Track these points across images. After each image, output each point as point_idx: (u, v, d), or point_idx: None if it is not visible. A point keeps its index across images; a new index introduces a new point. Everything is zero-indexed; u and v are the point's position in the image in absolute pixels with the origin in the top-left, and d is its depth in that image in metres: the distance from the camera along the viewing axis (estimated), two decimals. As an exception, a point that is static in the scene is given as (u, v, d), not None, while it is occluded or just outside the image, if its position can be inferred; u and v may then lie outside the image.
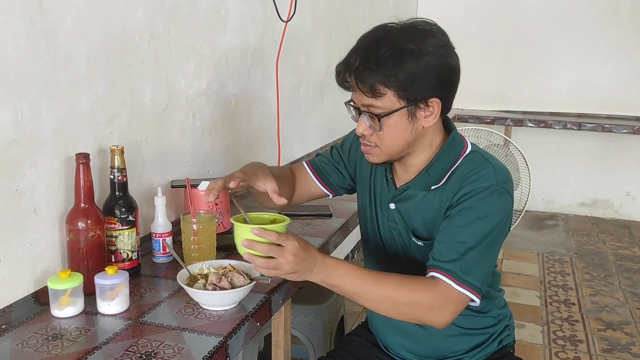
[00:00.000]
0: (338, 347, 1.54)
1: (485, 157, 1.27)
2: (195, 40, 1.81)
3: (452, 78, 1.22)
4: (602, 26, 4.59)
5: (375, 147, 1.25)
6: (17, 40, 1.19)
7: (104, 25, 1.42)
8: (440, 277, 1.17)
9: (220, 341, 1.13)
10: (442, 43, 1.18)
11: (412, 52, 1.14)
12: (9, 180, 1.20)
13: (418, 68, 1.15)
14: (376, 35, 1.20)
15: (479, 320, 1.38)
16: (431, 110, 1.20)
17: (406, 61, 1.14)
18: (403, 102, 1.18)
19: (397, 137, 1.22)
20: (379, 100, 1.17)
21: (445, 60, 1.18)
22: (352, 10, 3.39)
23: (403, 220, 1.34)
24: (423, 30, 1.19)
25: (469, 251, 1.18)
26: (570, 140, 4.78)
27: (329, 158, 1.52)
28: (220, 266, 1.33)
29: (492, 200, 1.20)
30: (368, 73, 1.16)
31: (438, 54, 1.17)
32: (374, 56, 1.15)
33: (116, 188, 1.37)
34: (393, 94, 1.16)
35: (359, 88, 1.19)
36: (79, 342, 1.11)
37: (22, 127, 1.22)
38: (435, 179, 1.27)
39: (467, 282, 1.16)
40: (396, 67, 1.14)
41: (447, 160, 1.27)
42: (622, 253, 4.07)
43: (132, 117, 1.55)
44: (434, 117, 1.21)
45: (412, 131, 1.21)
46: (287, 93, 2.44)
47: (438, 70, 1.17)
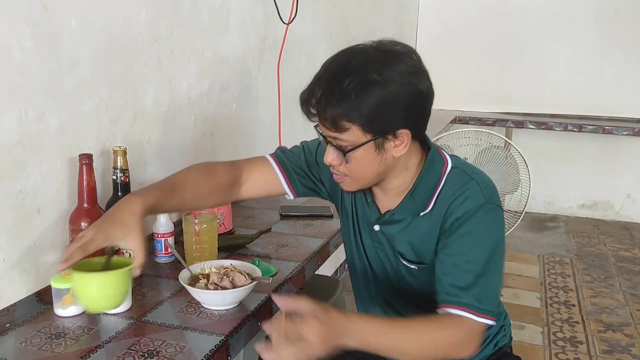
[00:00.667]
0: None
1: (468, 173, 1.22)
2: (198, 43, 1.82)
3: (423, 105, 1.13)
4: (603, 28, 4.59)
5: (346, 177, 1.19)
6: (21, 43, 1.20)
7: (107, 27, 1.43)
8: (462, 313, 1.13)
9: (222, 340, 1.14)
10: (410, 69, 1.10)
11: (377, 82, 1.06)
12: (13, 181, 1.22)
13: (383, 100, 1.07)
14: (340, 62, 1.12)
15: None
16: (400, 140, 1.13)
17: (370, 93, 1.06)
18: (369, 136, 1.10)
19: (366, 169, 1.16)
20: (344, 134, 1.10)
21: (414, 88, 1.10)
22: (353, 12, 3.40)
23: (389, 242, 1.29)
24: (390, 55, 1.10)
25: (479, 278, 1.14)
26: (571, 142, 4.78)
27: (300, 157, 1.39)
28: (221, 266, 1.35)
29: (487, 220, 1.17)
30: (330, 107, 1.08)
31: (405, 82, 1.08)
32: (336, 88, 1.07)
33: (119, 188, 1.38)
34: (358, 128, 1.09)
35: (321, 121, 1.13)
36: (82, 341, 1.12)
37: (26, 128, 1.23)
38: (422, 204, 1.22)
39: (485, 310, 1.13)
40: (359, 101, 1.06)
41: (430, 181, 1.22)
42: (622, 255, 4.07)
43: (135, 119, 1.56)
44: (404, 146, 1.14)
45: (381, 162, 1.15)
46: (289, 95, 2.46)
47: (406, 100, 1.09)
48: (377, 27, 3.86)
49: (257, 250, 1.61)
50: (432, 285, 1.23)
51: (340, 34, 3.16)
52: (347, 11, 3.29)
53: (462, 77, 4.89)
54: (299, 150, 1.40)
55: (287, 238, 1.71)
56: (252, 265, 1.36)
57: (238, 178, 1.33)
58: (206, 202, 1.30)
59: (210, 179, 1.28)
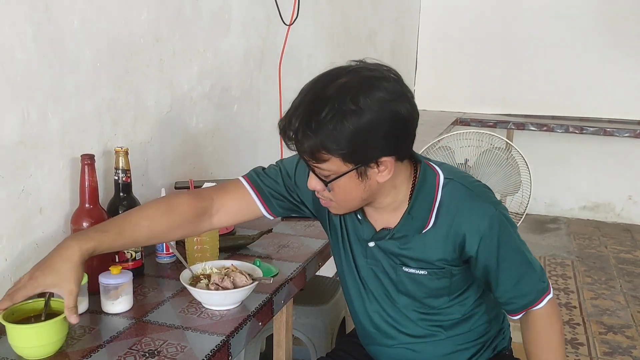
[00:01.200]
0: (338, 347, 1.55)
1: (465, 185, 1.22)
2: (199, 44, 1.83)
3: (405, 129, 1.10)
4: (605, 30, 4.59)
5: (331, 202, 1.17)
6: (24, 44, 1.21)
7: (109, 28, 1.44)
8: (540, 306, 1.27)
9: (223, 340, 1.14)
10: (389, 96, 1.06)
11: (354, 113, 1.03)
12: (16, 181, 1.22)
13: (361, 130, 1.04)
14: (316, 90, 1.08)
15: (472, 334, 1.35)
16: (384, 166, 1.11)
17: (347, 124, 1.03)
18: (350, 165, 1.08)
19: (351, 196, 1.14)
20: (324, 164, 1.08)
21: (394, 115, 1.06)
22: (354, 13, 3.40)
23: (387, 256, 1.27)
24: (368, 82, 1.06)
25: (529, 267, 1.26)
26: (572, 144, 4.78)
27: (277, 181, 1.34)
28: (222, 266, 1.35)
29: (502, 223, 1.21)
30: (306, 140, 1.06)
31: (385, 109, 1.05)
32: (313, 120, 1.05)
33: (120, 189, 1.39)
34: (337, 159, 1.07)
35: (299, 152, 1.11)
36: (83, 340, 1.13)
37: (29, 128, 1.24)
38: (422, 221, 1.21)
39: (546, 282, 1.28)
40: (337, 132, 1.03)
41: (426, 197, 1.21)
42: (623, 257, 4.07)
43: (137, 120, 1.57)
44: (388, 172, 1.12)
45: (366, 189, 1.13)
46: (290, 96, 2.44)
47: (386, 128, 1.06)
48: (377, 28, 3.87)
49: (258, 250, 1.61)
50: (437, 290, 1.27)
51: (341, 35, 3.16)
52: (348, 12, 3.29)
53: (464, 79, 4.90)
54: (275, 172, 1.34)
55: (288, 239, 1.71)
56: (253, 265, 1.37)
57: (207, 208, 1.27)
58: (168, 237, 1.27)
59: (169, 216, 1.22)
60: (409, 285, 1.28)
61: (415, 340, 1.33)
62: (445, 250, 1.22)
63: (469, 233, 1.20)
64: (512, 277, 1.25)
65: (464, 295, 1.31)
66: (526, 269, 1.26)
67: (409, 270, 1.26)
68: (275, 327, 1.70)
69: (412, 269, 1.26)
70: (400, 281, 1.28)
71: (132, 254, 1.39)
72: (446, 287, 1.27)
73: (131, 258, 1.39)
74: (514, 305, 1.28)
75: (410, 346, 1.34)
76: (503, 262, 1.23)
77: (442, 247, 1.22)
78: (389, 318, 1.33)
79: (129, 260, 1.39)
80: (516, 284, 1.25)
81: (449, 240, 1.21)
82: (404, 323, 1.33)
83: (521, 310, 1.28)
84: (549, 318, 1.28)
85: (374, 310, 1.34)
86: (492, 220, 1.20)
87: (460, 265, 1.25)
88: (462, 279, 1.28)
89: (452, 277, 1.26)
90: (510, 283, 1.25)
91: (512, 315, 1.31)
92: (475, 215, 1.19)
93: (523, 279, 1.25)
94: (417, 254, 1.25)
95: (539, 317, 1.28)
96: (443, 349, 1.33)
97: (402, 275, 1.28)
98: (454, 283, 1.27)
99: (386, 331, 1.34)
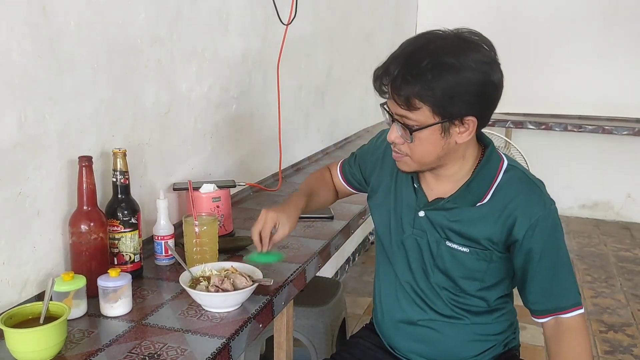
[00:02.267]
0: (342, 349, 1.54)
1: (527, 175, 1.28)
2: (197, 44, 1.82)
3: (493, 95, 1.18)
4: (602, 28, 4.59)
5: (406, 156, 1.23)
6: (21, 45, 1.20)
7: (107, 29, 1.43)
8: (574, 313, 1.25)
9: (223, 343, 1.13)
10: (485, 59, 1.14)
11: (453, 66, 1.10)
12: (13, 183, 1.21)
13: (457, 84, 1.11)
14: (418, 43, 1.15)
15: (494, 326, 1.38)
16: (466, 127, 1.17)
17: (445, 76, 1.10)
18: (438, 118, 1.14)
19: (428, 151, 1.20)
20: (413, 113, 1.15)
21: (487, 77, 1.14)
22: (352, 13, 3.40)
23: (434, 227, 1.31)
24: (467, 43, 1.14)
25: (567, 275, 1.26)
26: (571, 142, 4.78)
27: (353, 164, 1.57)
28: (222, 268, 1.34)
29: (555, 219, 1.25)
30: (405, 85, 1.12)
31: (480, 70, 1.12)
32: (414, 68, 1.11)
33: (119, 191, 1.38)
34: (428, 109, 1.13)
35: (393, 98, 1.16)
36: (82, 344, 1.12)
37: (26, 130, 1.23)
38: (478, 195, 1.26)
39: (579, 302, 1.27)
40: (434, 82, 1.10)
41: (488, 174, 1.26)
42: (623, 255, 4.07)
43: (135, 121, 1.56)
44: (468, 134, 1.18)
45: (445, 146, 1.19)
46: (289, 96, 2.45)
47: (478, 88, 1.13)
48: (375, 28, 3.86)
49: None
50: (473, 272, 1.30)
51: (339, 34, 3.16)
52: (347, 12, 3.29)
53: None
54: (354, 155, 1.59)
55: (288, 239, 1.70)
56: (253, 267, 1.36)
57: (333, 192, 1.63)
58: (327, 204, 1.63)
59: (329, 186, 1.61)
60: (447, 261, 1.31)
61: (442, 319, 1.36)
62: (494, 229, 1.25)
63: (522, 217, 1.23)
64: (549, 274, 1.25)
65: (494, 287, 1.33)
66: (565, 272, 1.26)
67: (452, 245, 1.30)
68: (275, 329, 1.70)
69: (455, 244, 1.29)
70: (440, 256, 1.32)
71: (131, 257, 1.38)
72: (482, 271, 1.29)
73: (130, 260, 1.38)
74: (543, 305, 1.27)
75: (436, 325, 1.36)
76: (546, 255, 1.24)
77: (491, 226, 1.25)
78: (420, 291, 1.37)
79: (128, 262, 1.38)
80: (551, 282, 1.25)
81: (500, 219, 1.24)
82: (434, 300, 1.36)
83: (549, 313, 1.27)
84: (581, 333, 1.25)
85: (406, 281, 1.38)
86: (547, 212, 1.23)
87: (502, 252, 1.27)
88: (498, 268, 1.30)
89: (491, 261, 1.28)
90: (546, 279, 1.25)
91: (537, 318, 1.29)
92: (532, 202, 1.23)
93: (560, 280, 1.25)
94: (464, 229, 1.27)
95: (570, 330, 1.25)
96: (464, 335, 1.35)
97: (444, 250, 1.31)
98: (490, 269, 1.29)
99: (417, 303, 1.37)
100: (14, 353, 1.05)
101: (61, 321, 1.06)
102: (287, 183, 2.36)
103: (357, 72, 3.48)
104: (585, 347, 1.25)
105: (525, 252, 1.24)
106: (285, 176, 2.43)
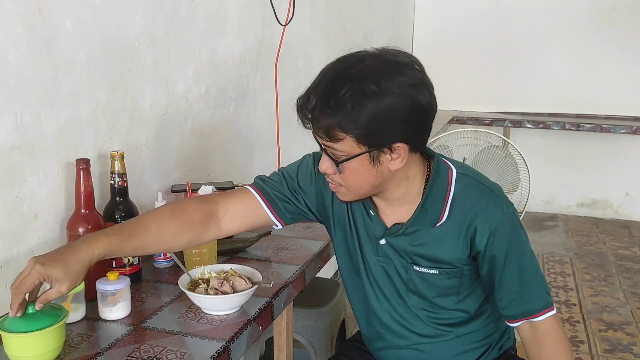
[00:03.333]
0: (339, 352, 1.53)
1: (480, 181, 1.23)
2: (194, 45, 1.81)
3: (422, 119, 1.11)
4: (600, 26, 4.59)
5: (341, 186, 1.17)
6: (17, 47, 1.19)
7: (104, 30, 1.42)
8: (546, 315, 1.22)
9: (223, 346, 1.13)
10: (411, 81, 1.07)
11: (374, 94, 1.04)
12: (10, 186, 1.20)
13: (380, 112, 1.04)
14: (338, 69, 1.09)
15: (481, 332, 1.35)
16: (397, 153, 1.11)
17: (366, 105, 1.04)
18: (364, 148, 1.08)
19: (361, 181, 1.14)
20: (338, 144, 1.09)
21: (414, 101, 1.07)
22: (350, 13, 3.39)
23: (398, 254, 1.26)
24: (390, 66, 1.08)
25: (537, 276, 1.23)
26: (569, 141, 4.77)
27: (281, 184, 1.32)
28: (221, 270, 1.33)
29: (514, 222, 1.21)
30: (323, 117, 1.06)
31: (404, 94, 1.06)
32: (332, 97, 1.05)
33: (116, 193, 1.37)
34: (352, 139, 1.07)
35: (314, 129, 1.11)
36: (81, 348, 1.11)
37: (23, 133, 1.22)
38: (435, 214, 1.21)
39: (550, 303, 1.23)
40: (354, 112, 1.04)
41: (439, 190, 1.20)
42: (622, 253, 4.07)
43: (132, 122, 1.55)
44: (401, 160, 1.12)
45: (377, 175, 1.13)
46: (287, 97, 2.44)
47: (404, 114, 1.06)
48: (373, 28, 3.86)
49: (257, 253, 1.60)
50: (446, 289, 1.26)
51: (337, 35, 3.15)
52: (344, 12, 3.28)
53: (459, 78, 4.88)
54: (279, 177, 1.33)
55: (287, 241, 1.69)
56: (252, 269, 1.35)
57: (214, 212, 1.25)
58: (175, 243, 1.21)
59: (177, 218, 1.20)
60: (419, 284, 1.27)
61: (426, 340, 1.32)
62: (457, 246, 1.22)
63: (481, 226, 1.19)
64: (516, 278, 1.22)
65: (471, 295, 1.30)
66: (532, 274, 1.23)
67: (420, 270, 1.25)
68: (275, 331, 1.69)
69: (423, 268, 1.25)
70: (411, 280, 1.27)
71: (130, 259, 1.37)
72: (455, 287, 1.26)
73: (128, 263, 1.37)
74: (514, 310, 1.23)
75: (421, 347, 1.32)
76: (510, 260, 1.21)
77: (455, 244, 1.22)
78: (399, 317, 1.32)
79: (126, 265, 1.37)
80: (519, 286, 1.22)
81: (461, 234, 1.21)
82: (414, 323, 1.31)
83: (521, 317, 1.23)
84: (556, 335, 1.23)
85: (384, 310, 1.33)
86: (505, 217, 1.20)
87: (470, 265, 1.25)
88: (470, 279, 1.27)
89: (462, 277, 1.25)
90: (513, 284, 1.22)
91: (511, 322, 1.26)
92: (490, 210, 1.19)
93: (527, 283, 1.22)
94: (429, 252, 1.23)
95: (546, 334, 1.23)
96: (452, 349, 1.32)
97: (413, 274, 1.27)
98: (463, 283, 1.26)
99: (397, 331, 1.33)
100: (12, 357, 1.04)
101: (59, 325, 1.05)
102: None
103: (354, 72, 3.47)
104: (565, 349, 1.23)
105: (489, 260, 1.21)
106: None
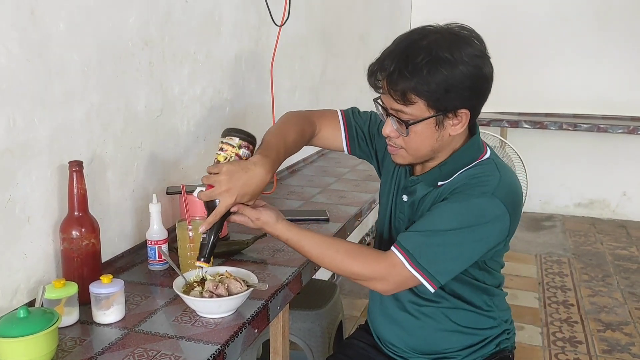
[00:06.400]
0: (337, 351, 1.54)
1: (498, 167, 1.27)
2: (189, 46, 1.80)
3: (485, 88, 1.22)
4: (596, 26, 4.60)
5: (401, 149, 1.26)
6: (9, 49, 1.18)
7: (97, 32, 1.41)
8: (397, 253, 1.21)
9: (218, 349, 1.11)
10: (477, 52, 1.18)
11: (448, 61, 1.14)
12: (2, 190, 1.19)
13: (451, 78, 1.15)
14: (412, 38, 1.19)
15: (477, 319, 1.37)
16: (459, 119, 1.21)
17: (440, 71, 1.14)
18: (432, 111, 1.18)
19: (423, 143, 1.23)
20: (409, 107, 1.18)
21: (479, 70, 1.18)
22: (346, 13, 3.39)
23: (411, 213, 1.34)
24: (460, 38, 1.19)
25: (432, 237, 1.21)
26: (566, 141, 4.78)
27: (365, 123, 1.49)
28: (216, 273, 1.32)
29: (479, 202, 1.21)
30: (401, 80, 1.16)
31: (472, 64, 1.16)
32: (409, 63, 1.15)
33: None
34: (423, 103, 1.17)
35: (389, 93, 1.19)
36: (74, 353, 1.10)
37: (15, 135, 1.21)
38: (445, 177, 1.29)
39: (421, 266, 1.20)
40: (430, 77, 1.14)
41: (461, 161, 1.28)
42: (619, 253, 4.07)
43: (127, 124, 1.54)
44: (461, 126, 1.22)
45: (439, 138, 1.23)
46: (282, 98, 2.43)
47: (471, 81, 1.17)
48: (370, 28, 3.85)
49: (253, 255, 1.59)
50: None
51: (333, 35, 3.14)
52: (340, 12, 3.27)
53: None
54: (367, 116, 1.51)
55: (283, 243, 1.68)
56: (248, 271, 1.34)
57: (315, 130, 1.47)
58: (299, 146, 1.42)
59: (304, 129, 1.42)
60: None
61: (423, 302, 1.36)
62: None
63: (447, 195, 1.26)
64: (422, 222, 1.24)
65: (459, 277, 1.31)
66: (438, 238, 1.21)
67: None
68: (271, 333, 1.68)
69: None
70: None
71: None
72: None
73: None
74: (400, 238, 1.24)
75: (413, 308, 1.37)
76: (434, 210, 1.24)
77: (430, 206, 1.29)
78: None
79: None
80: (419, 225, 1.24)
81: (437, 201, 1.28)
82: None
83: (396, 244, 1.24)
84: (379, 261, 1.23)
85: None
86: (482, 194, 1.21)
87: None
88: None
89: None
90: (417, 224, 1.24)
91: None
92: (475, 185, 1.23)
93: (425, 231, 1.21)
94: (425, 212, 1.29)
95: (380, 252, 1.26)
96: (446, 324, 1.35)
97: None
98: None
99: None
100: None
101: (52, 329, 1.04)
102: (283, 186, 2.35)
103: (351, 72, 3.47)
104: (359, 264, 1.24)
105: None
106: (280, 179, 2.41)
